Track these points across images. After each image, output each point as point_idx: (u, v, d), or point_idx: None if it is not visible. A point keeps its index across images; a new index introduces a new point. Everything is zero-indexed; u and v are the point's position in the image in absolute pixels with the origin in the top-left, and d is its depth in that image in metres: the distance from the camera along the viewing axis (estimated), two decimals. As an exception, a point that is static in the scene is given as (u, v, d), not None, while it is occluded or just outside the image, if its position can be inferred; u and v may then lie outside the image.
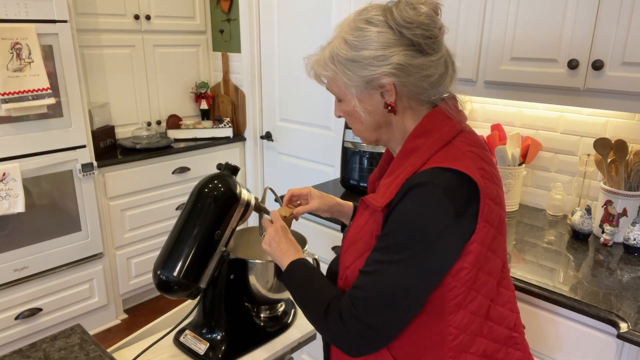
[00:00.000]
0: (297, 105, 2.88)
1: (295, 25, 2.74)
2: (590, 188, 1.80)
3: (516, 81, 1.61)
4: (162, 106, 3.19)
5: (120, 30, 2.87)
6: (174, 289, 1.05)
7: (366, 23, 0.88)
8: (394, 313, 0.85)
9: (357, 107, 0.93)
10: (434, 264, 0.83)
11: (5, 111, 2.11)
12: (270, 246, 1.07)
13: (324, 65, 0.92)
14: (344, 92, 0.93)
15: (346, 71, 0.89)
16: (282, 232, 1.08)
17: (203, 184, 1.10)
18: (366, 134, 0.98)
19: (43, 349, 1.03)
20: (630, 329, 1.18)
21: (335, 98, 0.98)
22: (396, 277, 0.84)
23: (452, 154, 0.88)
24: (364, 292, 0.86)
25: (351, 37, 0.89)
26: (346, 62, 0.89)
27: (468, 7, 1.67)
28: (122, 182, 2.70)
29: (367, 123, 0.96)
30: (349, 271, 0.95)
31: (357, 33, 0.89)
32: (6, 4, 2.08)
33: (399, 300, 0.84)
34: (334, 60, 0.90)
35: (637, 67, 1.37)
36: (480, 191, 0.85)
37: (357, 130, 0.99)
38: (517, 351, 0.97)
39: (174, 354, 1.15)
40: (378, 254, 0.87)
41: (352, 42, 0.89)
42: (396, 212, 0.85)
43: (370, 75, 0.88)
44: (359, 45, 0.88)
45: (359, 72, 0.89)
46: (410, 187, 0.84)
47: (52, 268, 2.46)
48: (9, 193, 2.19)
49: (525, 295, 1.40)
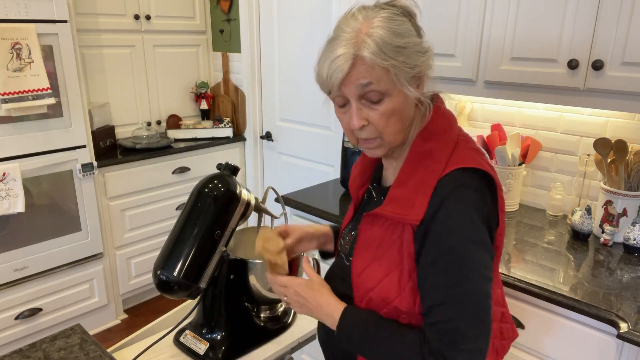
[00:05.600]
0: (297, 105, 2.88)
1: (295, 25, 2.74)
2: (590, 188, 1.80)
3: (516, 81, 1.61)
4: (162, 106, 3.19)
5: (120, 30, 2.87)
6: (174, 289, 1.05)
7: (391, 13, 0.83)
8: (486, 324, 0.81)
9: (405, 101, 0.86)
10: (490, 260, 0.83)
11: (5, 111, 2.11)
12: (306, 308, 0.96)
13: (381, 54, 0.80)
14: (393, 86, 0.83)
15: (402, 59, 0.82)
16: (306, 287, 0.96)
17: (203, 184, 1.10)
18: (401, 135, 0.89)
19: (43, 349, 1.03)
20: (630, 329, 1.18)
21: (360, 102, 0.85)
22: (476, 290, 0.80)
23: (465, 154, 0.87)
24: (454, 322, 0.79)
25: (393, 26, 0.82)
26: (401, 49, 0.81)
27: (468, 7, 1.67)
28: (122, 182, 2.70)
29: (406, 120, 0.89)
30: (373, 293, 0.89)
31: (395, 22, 0.83)
32: (6, 4, 2.08)
33: (485, 311, 0.81)
34: (387, 49, 0.81)
35: (637, 67, 1.36)
36: (497, 186, 0.86)
37: (395, 130, 0.87)
38: (503, 340, 1.01)
39: (174, 354, 1.15)
40: (443, 276, 0.80)
41: (396, 30, 0.82)
42: (441, 225, 0.81)
43: (419, 64, 0.84)
44: (404, 33, 0.82)
45: (412, 61, 0.83)
46: (446, 196, 0.81)
47: (52, 268, 2.46)
48: (9, 193, 2.19)
49: (525, 295, 1.40)
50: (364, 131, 0.86)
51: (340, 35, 0.83)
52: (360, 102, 0.85)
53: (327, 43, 0.85)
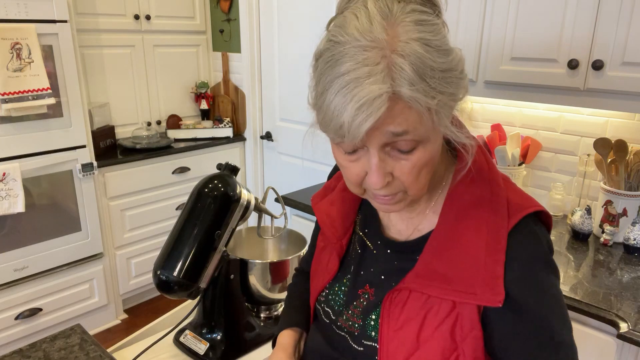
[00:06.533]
0: (297, 105, 2.87)
1: (295, 25, 2.74)
2: (590, 188, 1.80)
3: (516, 81, 1.61)
4: (162, 106, 3.19)
5: (120, 30, 2.87)
6: (174, 289, 1.05)
7: (419, 11, 0.57)
8: None
9: (440, 144, 0.64)
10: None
11: (5, 111, 2.11)
12: None
13: (424, 87, 0.54)
14: (432, 129, 0.59)
15: (451, 90, 0.57)
16: None
17: (203, 184, 1.10)
18: (427, 186, 0.65)
19: (43, 349, 1.03)
20: (630, 329, 1.18)
21: (383, 152, 0.60)
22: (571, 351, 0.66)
23: (517, 192, 0.70)
24: None
25: (430, 35, 0.56)
26: (447, 75, 0.56)
27: (468, 7, 1.67)
28: (122, 182, 2.70)
29: (435, 166, 0.67)
30: None
31: (430, 27, 0.56)
32: (6, 4, 2.08)
33: None
34: (431, 77, 0.55)
35: (637, 67, 1.36)
36: (550, 225, 0.72)
37: (424, 183, 0.64)
38: None
39: (174, 354, 1.15)
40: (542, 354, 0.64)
41: (436, 42, 0.56)
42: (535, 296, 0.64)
43: (462, 91, 0.60)
44: (444, 46, 0.57)
45: (457, 90, 0.59)
46: (529, 261, 0.64)
47: (52, 268, 2.46)
48: (9, 193, 2.19)
49: (525, 295, 1.40)
50: (384, 189, 0.62)
51: (351, 53, 0.55)
52: (383, 151, 0.60)
53: (329, 64, 0.56)
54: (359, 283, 0.78)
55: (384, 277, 0.75)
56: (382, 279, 0.75)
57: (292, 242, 1.35)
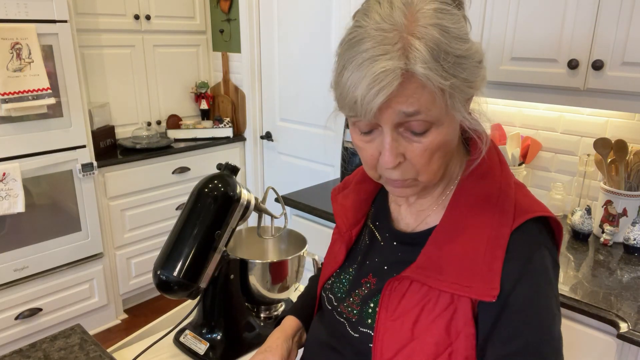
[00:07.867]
0: (297, 105, 2.87)
1: (295, 25, 2.74)
2: (590, 188, 1.80)
3: (516, 81, 1.61)
4: (162, 106, 3.19)
5: (120, 30, 2.87)
6: (174, 289, 1.05)
7: (443, 3, 0.61)
8: None
9: (455, 129, 0.65)
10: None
11: (5, 111, 2.11)
12: None
13: (438, 68, 0.57)
14: (445, 112, 0.61)
15: (464, 75, 0.60)
16: None
17: (203, 184, 1.10)
18: (440, 172, 0.67)
19: (43, 349, 1.03)
20: (630, 329, 1.18)
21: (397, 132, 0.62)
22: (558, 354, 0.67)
23: (527, 195, 0.70)
24: None
25: (450, 23, 0.59)
26: (462, 61, 0.59)
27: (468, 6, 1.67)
28: (122, 182, 2.70)
29: (450, 153, 0.69)
30: None
31: (451, 17, 0.60)
32: (6, 4, 2.08)
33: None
34: (446, 61, 0.58)
35: (637, 67, 1.37)
36: (561, 235, 0.72)
37: (437, 167, 0.65)
38: None
39: (174, 354, 1.15)
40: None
41: (454, 31, 0.59)
42: (526, 298, 0.64)
43: (478, 80, 0.63)
44: (463, 36, 0.60)
45: (473, 76, 0.61)
46: (527, 261, 0.65)
47: (52, 268, 2.46)
48: (9, 193, 2.19)
49: (525, 295, 1.40)
50: (396, 170, 0.64)
51: (372, 34, 0.58)
52: (396, 131, 0.62)
53: (349, 44, 0.60)
54: (363, 272, 0.80)
55: (387, 267, 0.77)
56: (385, 269, 0.77)
57: (292, 242, 1.35)
